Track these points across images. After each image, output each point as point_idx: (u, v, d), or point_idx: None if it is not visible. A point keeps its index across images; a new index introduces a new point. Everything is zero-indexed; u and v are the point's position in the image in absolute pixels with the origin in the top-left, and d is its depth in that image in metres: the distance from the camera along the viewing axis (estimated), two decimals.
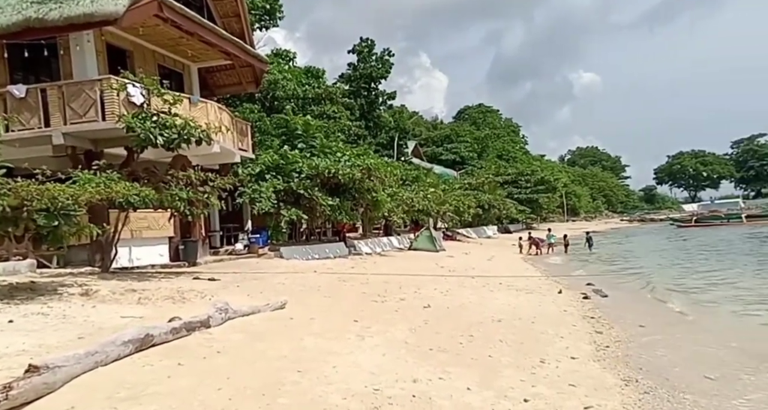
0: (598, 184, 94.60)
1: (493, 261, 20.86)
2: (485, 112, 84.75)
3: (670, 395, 5.11)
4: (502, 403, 4.54)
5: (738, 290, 12.46)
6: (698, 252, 23.41)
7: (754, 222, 46.68)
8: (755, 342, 7.51)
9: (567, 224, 59.28)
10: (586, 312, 9.60)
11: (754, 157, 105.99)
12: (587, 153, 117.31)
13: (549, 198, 59.74)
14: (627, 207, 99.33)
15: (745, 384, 5.64)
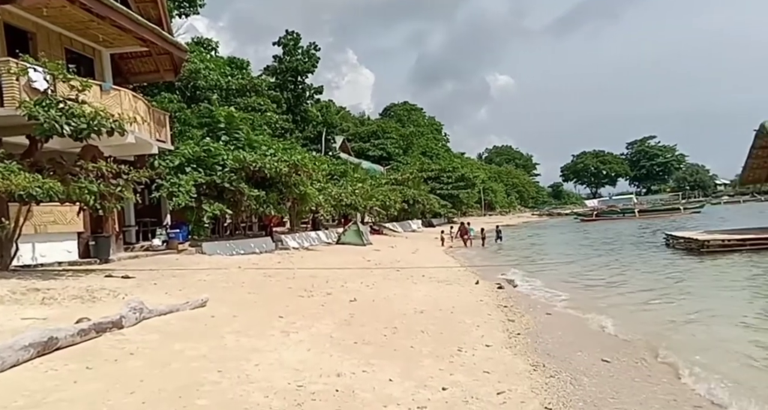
0: (512, 181, 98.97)
1: (417, 254, 21.22)
2: (410, 109, 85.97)
3: (572, 377, 5.40)
4: (422, 392, 4.60)
5: (631, 279, 13.44)
6: (600, 244, 25.08)
7: (645, 216, 50.91)
8: (646, 325, 8.13)
9: (484, 218, 61.55)
10: (500, 301, 9.98)
11: (645, 157, 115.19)
12: (503, 151, 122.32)
13: (468, 193, 61.81)
14: (537, 203, 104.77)
15: (637, 367, 6.08)
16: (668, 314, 8.94)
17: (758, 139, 19.09)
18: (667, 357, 6.24)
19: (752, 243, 16.25)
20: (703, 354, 6.43)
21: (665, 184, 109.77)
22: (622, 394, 4.99)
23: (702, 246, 16.90)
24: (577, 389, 5.07)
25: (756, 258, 14.81)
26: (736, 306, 9.17)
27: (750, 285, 11.30)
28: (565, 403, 4.61)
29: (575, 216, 59.62)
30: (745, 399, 4.88)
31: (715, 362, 6.09)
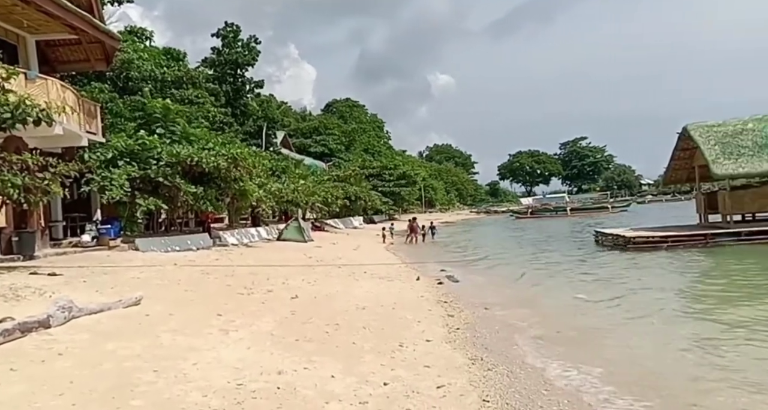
0: (452, 179, 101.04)
1: (358, 250, 21.27)
2: (352, 106, 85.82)
3: (509, 370, 5.62)
4: (364, 388, 4.65)
5: (562, 275, 14.08)
6: (534, 241, 26.13)
7: (577, 214, 53.46)
8: (575, 318, 8.58)
9: (425, 215, 62.47)
10: (440, 297, 10.20)
11: (577, 158, 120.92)
12: (443, 150, 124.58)
13: (410, 191, 62.60)
14: (475, 200, 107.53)
15: (570, 357, 6.41)
16: (595, 308, 9.42)
17: (680, 141, 20.46)
18: (588, 353, 6.58)
19: (673, 239, 17.44)
20: (613, 340, 6.87)
21: (595, 183, 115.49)
22: (554, 386, 5.25)
23: (628, 243, 17.94)
24: (513, 381, 5.29)
25: (675, 253, 15.92)
26: (659, 299, 9.80)
27: (670, 278, 12.11)
28: (501, 395, 4.80)
29: (511, 214, 61.73)
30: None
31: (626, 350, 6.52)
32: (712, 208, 19.44)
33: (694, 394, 4.98)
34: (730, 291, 10.34)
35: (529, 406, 4.56)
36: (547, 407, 4.61)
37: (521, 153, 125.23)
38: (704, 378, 5.42)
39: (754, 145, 17.43)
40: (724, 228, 17.52)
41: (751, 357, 5.99)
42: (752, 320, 7.70)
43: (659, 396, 4.93)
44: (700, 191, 20.97)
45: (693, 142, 18.88)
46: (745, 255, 14.43)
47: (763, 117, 18.26)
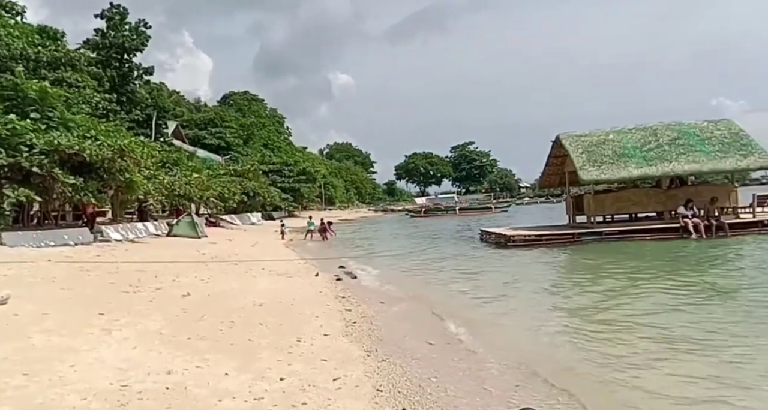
0: (351, 177, 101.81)
1: (257, 247, 20.66)
2: (251, 100, 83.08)
3: (402, 360, 5.79)
4: (259, 384, 4.55)
5: (455, 267, 14.81)
6: (427, 238, 27.14)
7: (465, 213, 56.43)
8: (467, 310, 9.05)
9: (324, 212, 62.31)
10: (338, 292, 10.24)
11: (466, 161, 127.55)
12: (343, 148, 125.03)
13: (310, 188, 62.04)
14: (373, 199, 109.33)
15: (458, 347, 6.75)
16: (479, 299, 10.00)
17: (553, 149, 22.32)
18: (474, 339, 7.00)
19: (547, 238, 18.99)
20: (495, 327, 7.39)
21: (481, 185, 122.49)
22: (441, 372, 5.49)
23: (509, 241, 19.24)
24: (405, 370, 5.44)
25: (547, 250, 17.37)
26: (534, 291, 10.62)
27: (543, 272, 13.20)
28: (394, 384, 4.93)
29: (406, 213, 63.65)
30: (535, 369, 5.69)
31: (508, 336, 7.04)
32: (579, 210, 21.47)
33: (570, 376, 5.47)
34: (588, 281, 11.50)
35: (419, 394, 4.73)
36: (435, 393, 4.81)
37: (416, 154, 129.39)
38: (571, 360, 5.98)
39: (614, 154, 19.53)
40: (589, 228, 19.42)
41: (612, 336, 6.72)
42: (608, 306, 8.63)
43: (539, 379, 5.34)
44: (569, 194, 23.05)
45: (564, 149, 20.70)
46: (603, 251, 16.14)
47: (621, 129, 20.52)
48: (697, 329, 6.86)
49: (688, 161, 18.71)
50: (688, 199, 18.17)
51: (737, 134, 19.27)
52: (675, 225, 17.72)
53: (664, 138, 19.58)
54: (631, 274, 11.63)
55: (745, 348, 5.97)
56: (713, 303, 8.51)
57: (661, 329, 6.93)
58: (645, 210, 20.16)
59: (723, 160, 18.58)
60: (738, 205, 18.96)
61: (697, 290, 9.66)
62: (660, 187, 20.10)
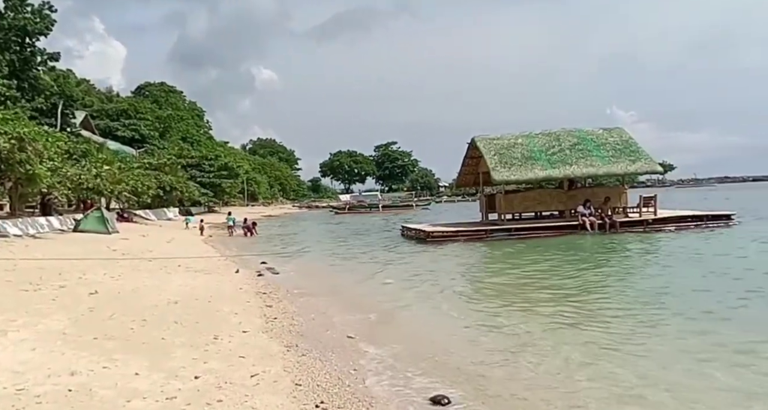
0: (275, 173, 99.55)
1: (173, 243, 19.65)
2: (168, 91, 78.64)
3: (322, 354, 5.77)
4: (172, 383, 4.34)
5: (377, 261, 14.95)
6: (350, 234, 27.18)
7: (387, 211, 57.22)
8: (381, 303, 9.17)
9: (247, 208, 60.50)
10: (259, 288, 9.99)
11: (389, 160, 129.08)
12: (266, 144, 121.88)
13: (231, 183, 59.89)
14: (298, 195, 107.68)
15: (378, 340, 6.84)
16: (399, 291, 10.16)
17: (469, 150, 23.19)
18: (392, 332, 7.14)
19: (463, 234, 19.70)
20: (413, 319, 7.60)
21: (403, 183, 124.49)
22: (361, 366, 5.53)
23: (428, 236, 19.74)
24: (325, 364, 5.43)
25: (463, 245, 18.04)
26: (448, 282, 10.98)
27: (458, 265, 13.71)
28: (313, 378, 4.90)
29: (331, 210, 63.30)
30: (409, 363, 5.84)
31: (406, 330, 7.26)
32: (492, 208, 22.48)
33: (478, 363, 5.72)
34: (497, 272, 12.10)
35: (338, 386, 4.75)
36: (353, 385, 4.85)
37: (341, 152, 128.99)
38: (481, 344, 6.25)
39: (522, 157, 20.66)
40: (499, 225, 20.40)
41: (520, 321, 7.10)
42: (517, 296, 9.13)
43: (449, 368, 5.54)
44: (482, 194, 24.07)
45: (479, 151, 21.59)
46: (512, 246, 17.05)
47: (529, 134, 21.74)
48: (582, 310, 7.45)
49: (586, 165, 20.21)
50: (585, 199, 19.62)
51: (627, 141, 21.09)
52: (574, 223, 19.06)
53: (566, 143, 21.00)
54: (536, 266, 12.36)
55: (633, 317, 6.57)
56: (606, 289, 9.27)
57: (555, 311, 7.45)
58: (549, 208, 21.50)
59: (615, 165, 20.27)
60: (627, 205, 20.74)
61: (588, 277, 10.48)
62: (562, 188, 21.54)
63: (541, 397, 4.58)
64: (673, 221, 19.40)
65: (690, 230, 18.60)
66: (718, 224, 19.14)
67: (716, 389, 4.64)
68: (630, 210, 20.57)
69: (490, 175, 20.58)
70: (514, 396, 4.63)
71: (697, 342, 6.08)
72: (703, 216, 19.76)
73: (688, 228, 18.78)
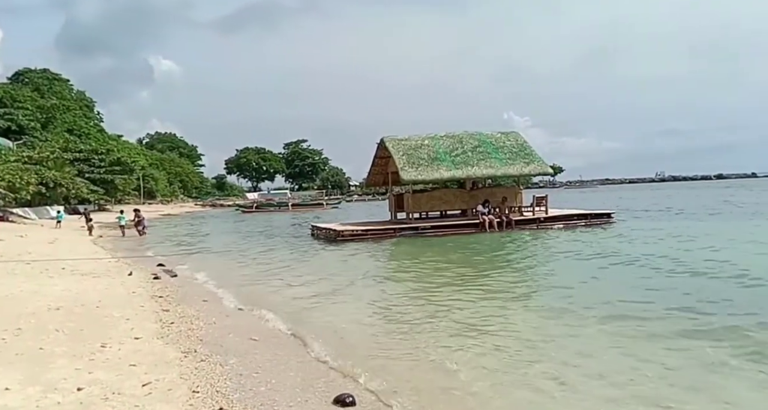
0: (176, 170, 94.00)
1: (56, 244, 17.88)
2: (52, 79, 71.36)
3: (222, 359, 5.54)
4: (51, 396, 3.96)
5: (284, 261, 14.65)
6: (257, 234, 26.40)
7: (297, 209, 56.38)
8: (293, 300, 9.04)
9: (143, 207, 56.57)
10: (155, 292, 9.41)
11: (299, 158, 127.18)
12: (166, 138, 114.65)
13: (126, 179, 55.66)
14: (201, 193, 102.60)
15: (282, 341, 6.71)
16: (306, 291, 10.09)
17: (378, 150, 23.54)
18: (297, 331, 7.04)
19: (372, 233, 19.96)
20: (319, 313, 7.59)
21: (313, 182, 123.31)
22: (264, 368, 5.40)
23: (338, 236, 19.75)
24: (226, 369, 5.23)
25: (372, 244, 18.28)
26: (356, 278, 11.07)
27: (366, 263, 13.84)
28: (212, 384, 4.71)
29: (237, 208, 61.05)
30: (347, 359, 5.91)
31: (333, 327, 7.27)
32: (400, 207, 23.02)
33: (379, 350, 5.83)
34: (404, 269, 12.45)
35: (239, 391, 4.60)
36: (255, 388, 4.73)
37: (248, 149, 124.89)
38: (385, 347, 6.39)
39: (428, 158, 21.38)
40: (407, 224, 20.95)
41: (420, 313, 7.34)
42: (421, 293, 9.44)
43: (357, 364, 5.58)
44: (392, 193, 24.55)
45: (388, 151, 22.01)
46: (419, 244, 17.60)
47: (434, 136, 22.55)
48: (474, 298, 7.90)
49: (486, 166, 21.38)
50: (485, 199, 20.75)
51: (522, 145, 22.61)
52: (476, 222, 20.08)
53: (468, 145, 22.06)
54: (441, 263, 12.85)
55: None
56: (500, 282, 9.88)
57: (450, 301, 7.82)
58: (453, 208, 22.45)
59: (512, 166, 21.66)
60: (522, 205, 22.24)
61: (487, 270, 11.12)
62: (465, 188, 22.59)
63: (441, 386, 4.77)
64: (562, 219, 21.10)
65: (577, 227, 20.36)
66: (600, 221, 21.14)
67: (583, 358, 5.13)
68: (524, 209, 22.05)
69: (398, 174, 21.05)
70: (415, 390, 4.77)
71: (567, 321, 6.68)
72: (588, 214, 21.73)
73: (576, 226, 20.54)
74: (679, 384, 4.67)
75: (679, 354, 5.46)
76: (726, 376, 4.83)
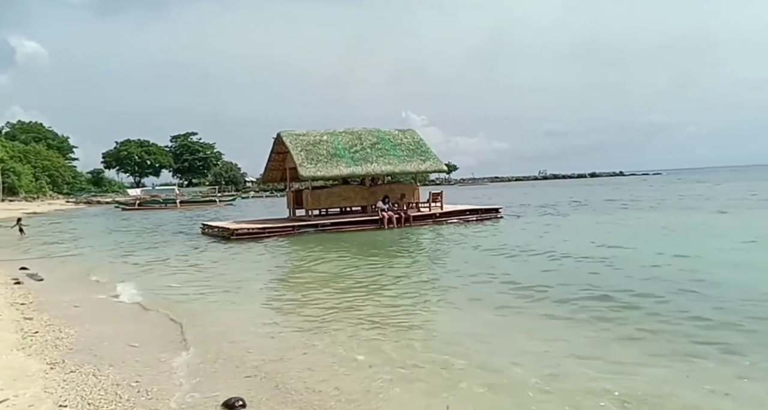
0: (43, 163, 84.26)
1: None
2: None
3: (96, 369, 5.11)
4: None
5: (170, 262, 13.77)
6: (141, 233, 24.51)
7: (186, 207, 53.31)
8: (179, 304, 8.53)
9: (3, 204, 50.04)
10: (16, 298, 8.43)
11: (188, 152, 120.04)
12: (31, 128, 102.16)
13: None
14: (74, 189, 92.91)
15: (166, 346, 6.31)
16: (195, 293, 9.57)
17: (275, 145, 22.99)
18: (184, 335, 6.69)
19: (270, 230, 19.45)
20: (210, 319, 7.28)
21: (205, 177, 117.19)
22: (145, 374, 5.06)
23: (232, 234, 18.99)
24: (100, 379, 4.84)
25: (270, 242, 17.82)
26: (252, 280, 10.72)
27: (264, 263, 13.47)
28: (83, 396, 4.32)
29: (117, 205, 56.25)
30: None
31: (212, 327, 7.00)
32: (299, 204, 22.71)
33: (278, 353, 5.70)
34: (302, 268, 12.34)
35: (114, 402, 4.26)
36: (134, 398, 4.41)
37: (130, 141, 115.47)
38: (279, 348, 6.27)
39: (327, 154, 21.33)
40: (307, 221, 20.74)
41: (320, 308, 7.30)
42: (320, 292, 9.40)
43: (248, 368, 5.41)
44: (290, 189, 24.14)
45: (285, 147, 21.60)
46: (319, 241, 17.50)
47: (333, 131, 22.55)
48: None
49: (385, 163, 21.82)
50: (385, 196, 21.19)
51: (419, 143, 23.40)
52: (376, 218, 20.42)
53: (367, 142, 22.36)
54: (339, 259, 12.89)
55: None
56: (397, 277, 10.15)
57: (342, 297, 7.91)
58: (353, 204, 22.61)
59: (409, 163, 22.33)
60: (419, 201, 23.03)
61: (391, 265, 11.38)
62: (364, 185, 22.85)
63: (335, 385, 4.77)
64: (456, 214, 22.19)
65: (470, 222, 21.55)
66: (490, 216, 22.56)
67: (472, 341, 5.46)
68: (421, 206, 22.85)
69: (297, 170, 20.74)
70: (310, 390, 4.71)
71: (465, 311, 7.08)
72: (479, 209, 23.08)
73: (468, 221, 21.71)
74: (561, 352, 5.14)
75: (556, 328, 6.01)
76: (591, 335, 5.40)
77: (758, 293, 7.61)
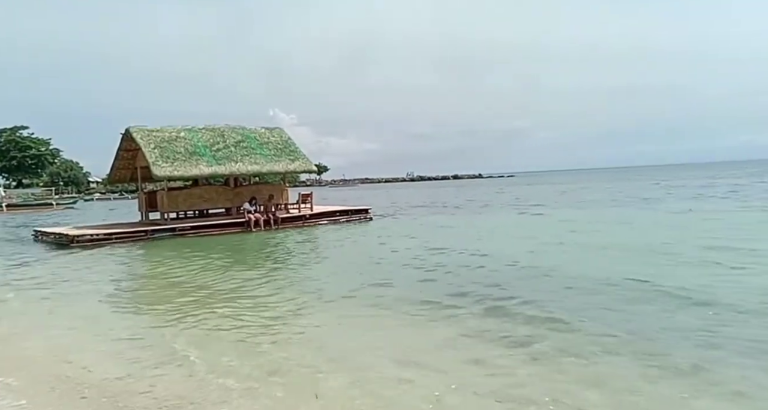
0: None
1: None
2: None
3: None
4: None
5: None
6: None
7: (15, 210, 46.64)
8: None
9: None
10: None
11: (17, 148, 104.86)
12: None
13: None
14: None
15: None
16: (18, 309, 8.49)
17: (123, 142, 21.11)
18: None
19: (118, 236, 17.80)
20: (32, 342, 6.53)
21: (39, 177, 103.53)
22: None
23: (72, 241, 17.10)
24: None
25: (119, 249, 16.30)
26: (91, 291, 9.73)
27: (109, 272, 12.26)
28: None
29: None
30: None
31: None
32: (153, 206, 21.13)
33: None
34: (153, 279, 11.53)
35: None
36: None
37: None
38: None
39: (186, 152, 20.12)
40: (162, 225, 19.35)
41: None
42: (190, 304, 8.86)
43: (88, 388, 4.93)
44: (142, 190, 22.35)
45: (136, 143, 19.97)
46: (176, 246, 16.44)
47: (192, 128, 21.34)
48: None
49: (251, 162, 21.20)
50: (252, 197, 20.60)
51: (287, 142, 23.14)
52: (241, 220, 19.76)
53: (231, 140, 21.54)
54: (197, 266, 12.24)
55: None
56: (264, 279, 9.97)
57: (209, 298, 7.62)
58: (215, 206, 21.63)
59: (277, 163, 21.97)
60: (289, 202, 22.78)
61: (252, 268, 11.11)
62: (228, 185, 21.98)
63: (191, 400, 4.58)
64: (326, 215, 22.34)
65: (339, 222, 21.83)
66: (359, 217, 23.08)
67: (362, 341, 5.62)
68: (291, 207, 22.63)
69: (149, 169, 19.27)
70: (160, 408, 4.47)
71: (339, 312, 7.22)
72: (349, 210, 23.50)
73: (338, 222, 21.98)
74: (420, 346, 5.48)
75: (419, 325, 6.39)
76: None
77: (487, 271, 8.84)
